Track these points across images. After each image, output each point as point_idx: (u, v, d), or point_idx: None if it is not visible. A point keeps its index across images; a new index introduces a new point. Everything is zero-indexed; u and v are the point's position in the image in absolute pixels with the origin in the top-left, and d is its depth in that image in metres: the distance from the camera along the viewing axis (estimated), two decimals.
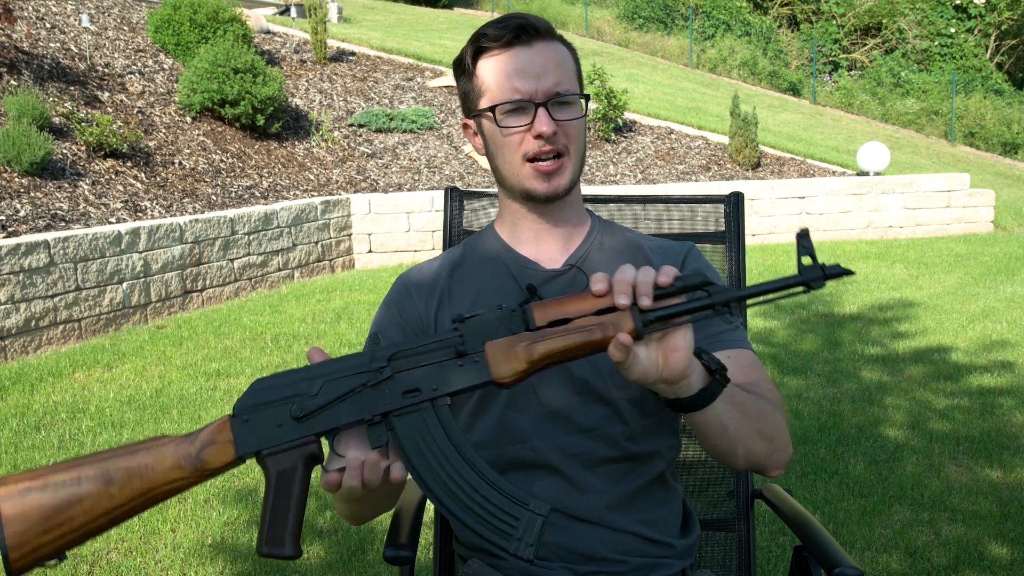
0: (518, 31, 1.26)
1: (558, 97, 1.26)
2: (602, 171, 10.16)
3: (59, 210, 5.93)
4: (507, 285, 1.34)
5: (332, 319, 5.91)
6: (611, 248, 1.37)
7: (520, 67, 1.26)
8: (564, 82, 1.27)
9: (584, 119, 1.31)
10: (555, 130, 1.26)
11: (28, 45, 7.86)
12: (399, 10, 19.96)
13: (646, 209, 1.81)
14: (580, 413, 1.28)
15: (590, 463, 1.28)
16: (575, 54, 1.34)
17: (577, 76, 1.32)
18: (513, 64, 1.26)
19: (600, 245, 1.37)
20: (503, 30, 1.26)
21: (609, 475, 1.29)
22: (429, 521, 2.57)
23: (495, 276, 1.36)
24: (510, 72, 1.26)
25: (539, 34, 1.28)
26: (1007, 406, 4.13)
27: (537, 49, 1.27)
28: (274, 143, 9.03)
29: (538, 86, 1.26)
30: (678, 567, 1.34)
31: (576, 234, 1.37)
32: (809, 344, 5.28)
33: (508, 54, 1.27)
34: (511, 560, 1.03)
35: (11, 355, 4.87)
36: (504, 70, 1.27)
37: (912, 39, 23.81)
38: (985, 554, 2.74)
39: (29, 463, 3.42)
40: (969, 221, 10.03)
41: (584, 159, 1.33)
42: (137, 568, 2.66)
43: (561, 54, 1.30)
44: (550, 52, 1.28)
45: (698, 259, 1.39)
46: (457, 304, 1.35)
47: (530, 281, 1.33)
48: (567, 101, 1.27)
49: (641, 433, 1.30)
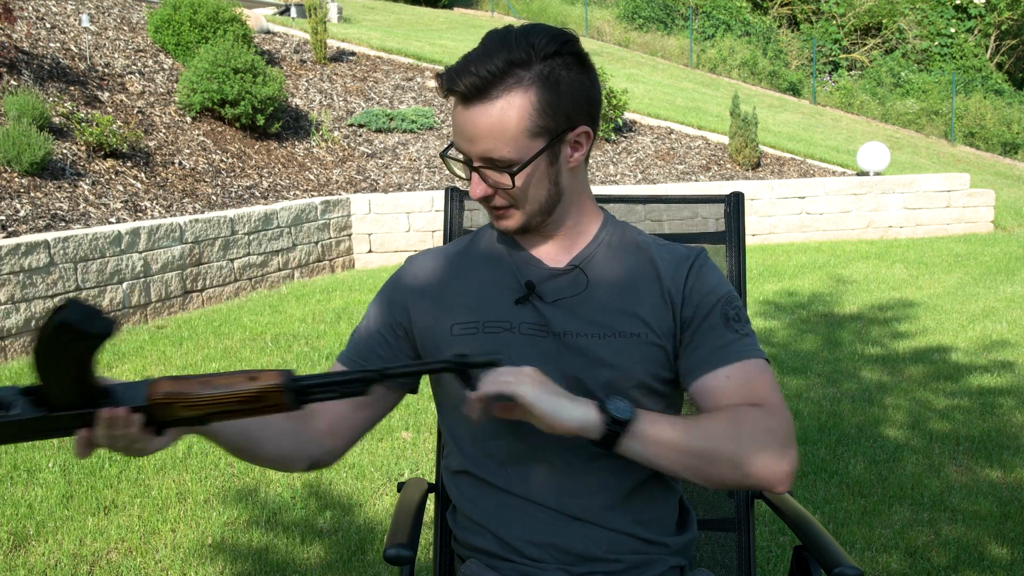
0: (450, 90, 1.21)
1: (491, 164, 1.23)
2: (602, 171, 10.16)
3: (59, 210, 5.93)
4: (507, 281, 1.34)
5: (332, 319, 5.91)
6: (618, 249, 1.36)
7: (457, 124, 1.24)
8: (500, 149, 1.21)
9: (537, 172, 1.24)
10: (485, 195, 1.26)
11: (28, 45, 7.86)
12: (399, 10, 19.96)
13: (646, 209, 1.81)
14: None
15: (585, 458, 1.28)
16: (544, 96, 1.21)
17: (532, 130, 1.21)
18: (455, 118, 1.24)
19: (607, 246, 1.36)
20: (446, 80, 1.22)
21: (606, 471, 1.29)
22: (429, 521, 2.58)
23: (496, 271, 1.36)
24: (454, 124, 1.25)
25: (479, 95, 1.20)
26: (1007, 406, 4.13)
27: (473, 112, 1.21)
28: (274, 143, 9.04)
29: (471, 149, 1.23)
30: (673, 563, 1.34)
31: (583, 234, 1.36)
32: (809, 344, 5.28)
33: (456, 105, 1.24)
34: None
35: (11, 355, 4.87)
36: (453, 115, 1.25)
37: (912, 39, 23.81)
38: (985, 554, 2.74)
39: (29, 463, 3.42)
40: (969, 221, 10.03)
41: (551, 199, 1.29)
42: (137, 568, 2.66)
43: (504, 118, 1.20)
44: (485, 117, 1.20)
45: (704, 266, 1.36)
46: (453, 295, 1.35)
47: (530, 278, 1.32)
48: (505, 166, 1.23)
49: None
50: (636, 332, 1.29)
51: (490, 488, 1.32)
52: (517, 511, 1.30)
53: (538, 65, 1.21)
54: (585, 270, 1.33)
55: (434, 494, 1.64)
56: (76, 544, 2.80)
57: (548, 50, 1.21)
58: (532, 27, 1.24)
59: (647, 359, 1.29)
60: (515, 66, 1.20)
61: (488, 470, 1.32)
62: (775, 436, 1.21)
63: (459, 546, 1.41)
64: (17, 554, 2.74)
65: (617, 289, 1.32)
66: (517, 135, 1.22)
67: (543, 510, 1.29)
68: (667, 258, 1.36)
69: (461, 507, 1.38)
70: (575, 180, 1.32)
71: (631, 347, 1.29)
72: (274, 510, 3.04)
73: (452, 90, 1.21)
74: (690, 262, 1.35)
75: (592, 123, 1.28)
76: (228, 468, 3.41)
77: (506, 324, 1.31)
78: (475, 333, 1.31)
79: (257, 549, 2.77)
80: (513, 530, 1.30)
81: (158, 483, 3.27)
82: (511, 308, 1.31)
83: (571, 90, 1.23)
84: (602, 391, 1.27)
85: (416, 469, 3.38)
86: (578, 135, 1.27)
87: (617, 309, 1.31)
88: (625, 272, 1.34)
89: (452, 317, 1.33)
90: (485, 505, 1.33)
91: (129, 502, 3.11)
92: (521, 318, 1.31)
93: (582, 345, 1.28)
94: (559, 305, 1.31)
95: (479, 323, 1.31)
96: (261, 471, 3.37)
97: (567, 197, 1.31)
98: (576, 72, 1.24)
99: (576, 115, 1.25)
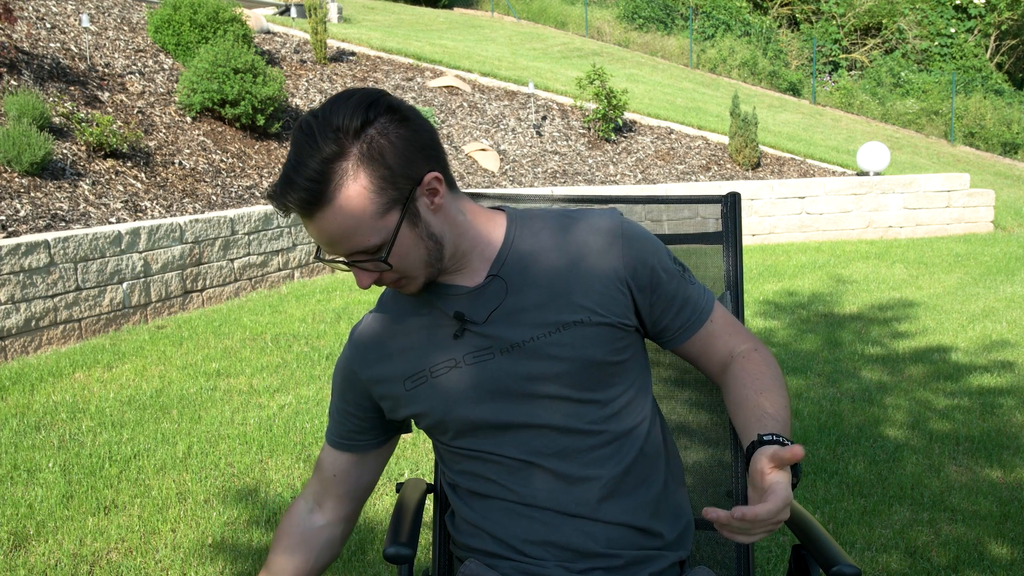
0: (285, 211, 1.19)
1: (363, 254, 1.21)
2: (602, 171, 10.17)
3: (59, 210, 5.94)
4: (439, 320, 1.33)
5: (332, 319, 5.91)
6: (531, 243, 1.34)
7: (313, 236, 1.21)
8: (360, 241, 1.19)
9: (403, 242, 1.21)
10: (373, 282, 1.25)
11: (28, 45, 7.87)
12: (399, 10, 19.96)
13: (646, 209, 1.81)
14: (546, 415, 1.30)
15: (576, 456, 1.29)
16: (372, 174, 1.17)
17: (378, 210, 1.18)
18: (307, 229, 1.21)
19: (520, 243, 1.33)
20: (274, 204, 1.19)
21: (594, 463, 1.30)
22: (428, 521, 2.58)
23: (425, 314, 1.35)
24: (309, 234, 1.23)
25: (312, 204, 1.16)
26: (1007, 406, 4.13)
27: (318, 222, 1.18)
28: (274, 143, 9.04)
29: (336, 252, 1.22)
30: (672, 559, 1.34)
31: (490, 247, 1.32)
32: (809, 344, 5.28)
33: (302, 218, 1.21)
34: None
35: (11, 355, 4.87)
36: (306, 228, 1.22)
37: (912, 39, 23.80)
38: (985, 554, 2.75)
39: (29, 463, 3.43)
40: (969, 221, 10.03)
41: (433, 253, 1.26)
42: (137, 568, 2.67)
43: (347, 214, 1.17)
44: (331, 222, 1.18)
45: (631, 230, 1.35)
46: (397, 352, 1.35)
47: (454, 307, 1.31)
48: (374, 252, 1.21)
49: (607, 417, 1.31)
50: (577, 319, 1.29)
51: (486, 492, 1.34)
52: (514, 513, 1.31)
53: (354, 147, 1.16)
54: (502, 276, 1.31)
55: (433, 495, 1.65)
56: (76, 544, 2.80)
57: (355, 125, 1.16)
58: (333, 106, 1.18)
59: (600, 339, 1.30)
60: (332, 162, 1.15)
61: (483, 475, 1.34)
62: (773, 363, 1.40)
63: (458, 548, 1.42)
64: (17, 554, 2.74)
65: (545, 282, 1.31)
66: (369, 221, 1.18)
67: (539, 511, 1.29)
68: (589, 233, 1.33)
69: (459, 511, 1.39)
70: (448, 219, 1.27)
71: (578, 334, 1.28)
72: (274, 510, 3.05)
73: (287, 210, 1.18)
74: (618, 232, 1.33)
75: (436, 163, 1.23)
76: (228, 468, 3.41)
77: (451, 362, 1.31)
78: (425, 382, 1.33)
79: (257, 549, 2.77)
80: (511, 531, 1.31)
81: (158, 483, 3.27)
82: (452, 345, 1.31)
83: (398, 151, 1.18)
84: (572, 388, 1.29)
85: (416, 469, 3.38)
86: (429, 183, 1.22)
87: (551, 302, 1.29)
88: (546, 263, 1.32)
89: (402, 373, 1.35)
90: (482, 508, 1.34)
91: (129, 502, 3.11)
92: (464, 350, 1.31)
93: (532, 349, 1.28)
94: (493, 320, 1.30)
95: (426, 371, 1.33)
96: (261, 471, 3.38)
97: (449, 238, 1.27)
98: (395, 129, 1.19)
99: (415, 169, 1.20)
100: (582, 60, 15.85)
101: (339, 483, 1.47)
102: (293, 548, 1.46)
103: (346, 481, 1.47)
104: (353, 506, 1.50)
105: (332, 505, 1.48)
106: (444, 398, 1.31)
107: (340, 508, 1.48)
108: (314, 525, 1.47)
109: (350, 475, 1.47)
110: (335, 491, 1.47)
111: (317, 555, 1.47)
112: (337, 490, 1.47)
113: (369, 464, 1.48)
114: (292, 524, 1.48)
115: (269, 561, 1.47)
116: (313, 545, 1.47)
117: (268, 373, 4.64)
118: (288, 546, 1.46)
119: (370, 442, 1.46)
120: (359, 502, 1.51)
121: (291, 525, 1.47)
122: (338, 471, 1.46)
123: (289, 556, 1.45)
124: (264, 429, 3.80)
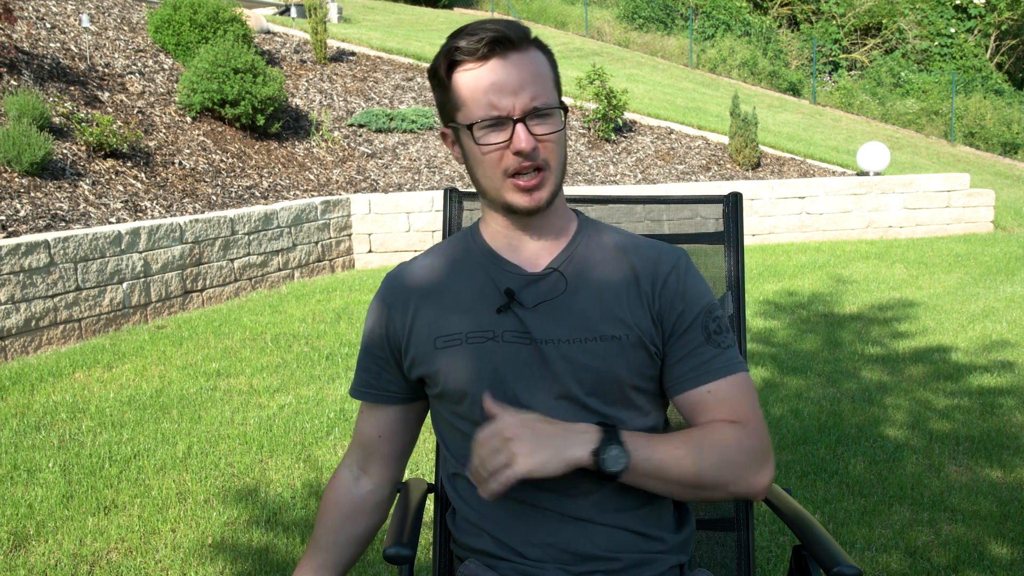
0: (492, 44, 1.22)
1: (536, 112, 1.23)
2: (602, 171, 10.16)
3: (59, 210, 5.94)
4: (487, 290, 1.33)
5: (332, 319, 5.91)
6: (596, 251, 1.36)
7: (496, 82, 1.22)
8: (542, 95, 1.24)
9: (564, 131, 1.28)
10: (534, 146, 1.24)
11: (28, 45, 7.87)
12: (399, 10, 19.97)
13: (646, 209, 1.81)
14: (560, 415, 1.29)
15: None
16: (553, 59, 1.29)
17: (555, 84, 1.28)
18: (489, 79, 1.22)
19: (586, 247, 1.36)
20: (478, 43, 1.22)
21: None
22: (428, 521, 2.58)
23: (475, 280, 1.35)
24: (486, 87, 1.23)
25: (515, 45, 1.23)
26: (1007, 406, 4.13)
27: (513, 62, 1.22)
28: (274, 143, 9.04)
29: (515, 102, 1.22)
30: (672, 562, 1.34)
31: (561, 237, 1.36)
32: (809, 344, 5.28)
33: (484, 68, 1.23)
34: None
35: (11, 355, 4.87)
36: (480, 85, 1.23)
37: (912, 39, 23.81)
38: (985, 554, 2.75)
39: (29, 463, 3.43)
40: (969, 221, 10.03)
41: (565, 169, 1.31)
42: (137, 568, 2.66)
43: (538, 64, 1.25)
44: (526, 64, 1.23)
45: (685, 272, 1.35)
46: (436, 308, 1.34)
47: (509, 285, 1.32)
48: (546, 114, 1.24)
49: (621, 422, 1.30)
50: (618, 335, 1.29)
51: None
52: (515, 513, 1.30)
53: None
54: (564, 273, 1.32)
55: (433, 494, 1.65)
56: (76, 544, 2.80)
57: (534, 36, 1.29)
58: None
59: (631, 361, 1.29)
60: (531, 34, 1.27)
61: None
62: (755, 455, 1.27)
63: (458, 547, 1.41)
64: (17, 554, 2.74)
65: (596, 291, 1.32)
66: (553, 85, 1.27)
67: (540, 511, 1.29)
68: (644, 259, 1.35)
69: (460, 509, 1.38)
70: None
71: (614, 350, 1.28)
72: (274, 510, 3.04)
73: (497, 41, 1.22)
74: (669, 266, 1.34)
75: None
76: (228, 468, 3.41)
77: (489, 333, 1.31)
78: (459, 345, 1.31)
79: (257, 549, 2.77)
80: (512, 531, 1.30)
81: (158, 483, 3.27)
82: (493, 317, 1.31)
83: (557, 74, 1.30)
84: (590, 397, 1.28)
85: (416, 469, 3.38)
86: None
87: (598, 312, 1.30)
88: (604, 274, 1.33)
89: (435, 330, 1.33)
90: (483, 508, 1.33)
91: (129, 502, 3.11)
92: (504, 326, 1.30)
93: (565, 352, 1.28)
94: (540, 310, 1.30)
95: (462, 335, 1.31)
96: (261, 471, 3.38)
97: (563, 183, 1.33)
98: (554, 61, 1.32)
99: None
100: (582, 60, 15.85)
101: (385, 442, 1.45)
102: (344, 519, 1.45)
103: (392, 440, 1.45)
104: (397, 466, 1.49)
105: (378, 468, 1.47)
106: (474, 368, 1.30)
107: (386, 471, 1.47)
108: (362, 491, 1.46)
109: (396, 433, 1.45)
110: (381, 451, 1.46)
111: (369, 521, 1.47)
112: (383, 449, 1.46)
113: (411, 419, 1.46)
114: (339, 494, 1.46)
115: (318, 537, 1.45)
116: (365, 511, 1.46)
117: (268, 373, 4.64)
118: (338, 518, 1.45)
119: (409, 395, 1.43)
120: (403, 460, 1.49)
121: (338, 495, 1.46)
122: (383, 431, 1.44)
123: (342, 528, 1.44)
124: (264, 429, 3.80)
